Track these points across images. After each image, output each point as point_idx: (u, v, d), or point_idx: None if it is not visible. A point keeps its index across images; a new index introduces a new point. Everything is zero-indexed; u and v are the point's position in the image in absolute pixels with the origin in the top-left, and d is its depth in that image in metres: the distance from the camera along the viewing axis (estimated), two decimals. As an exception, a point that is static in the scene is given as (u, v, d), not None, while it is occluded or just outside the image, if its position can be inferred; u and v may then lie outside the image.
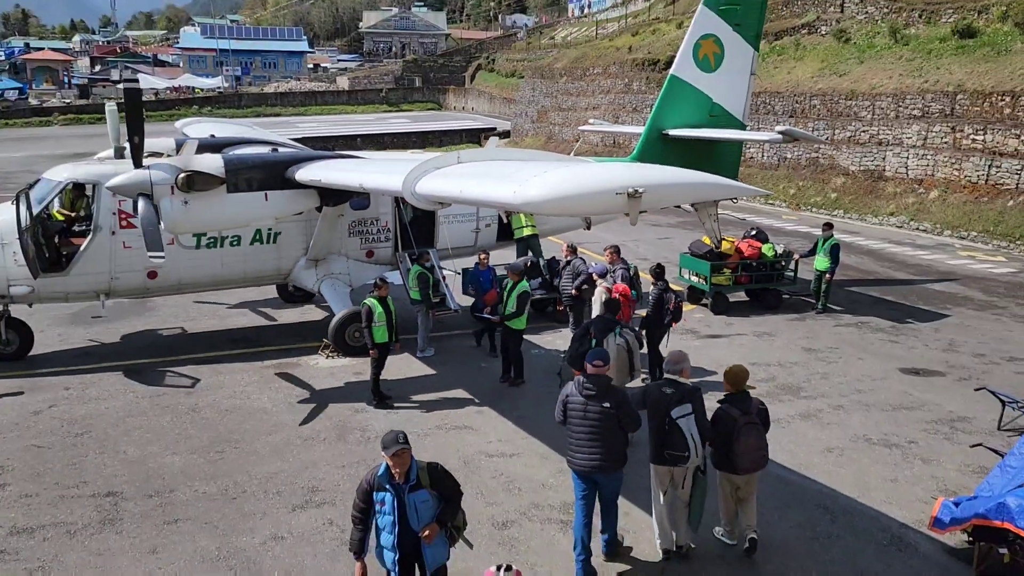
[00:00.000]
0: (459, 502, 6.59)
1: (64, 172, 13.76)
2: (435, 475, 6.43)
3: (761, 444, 8.05)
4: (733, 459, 7.96)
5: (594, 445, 7.68)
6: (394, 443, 6.18)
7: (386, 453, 6.21)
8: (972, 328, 16.20)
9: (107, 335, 15.66)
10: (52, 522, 8.99)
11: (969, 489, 9.26)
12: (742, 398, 8.07)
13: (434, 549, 6.42)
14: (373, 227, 15.51)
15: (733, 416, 7.92)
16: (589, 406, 7.68)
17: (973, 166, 25.77)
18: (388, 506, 6.31)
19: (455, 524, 6.55)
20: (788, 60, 35.82)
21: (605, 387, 7.76)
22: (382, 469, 6.33)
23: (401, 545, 6.32)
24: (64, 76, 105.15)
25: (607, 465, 7.74)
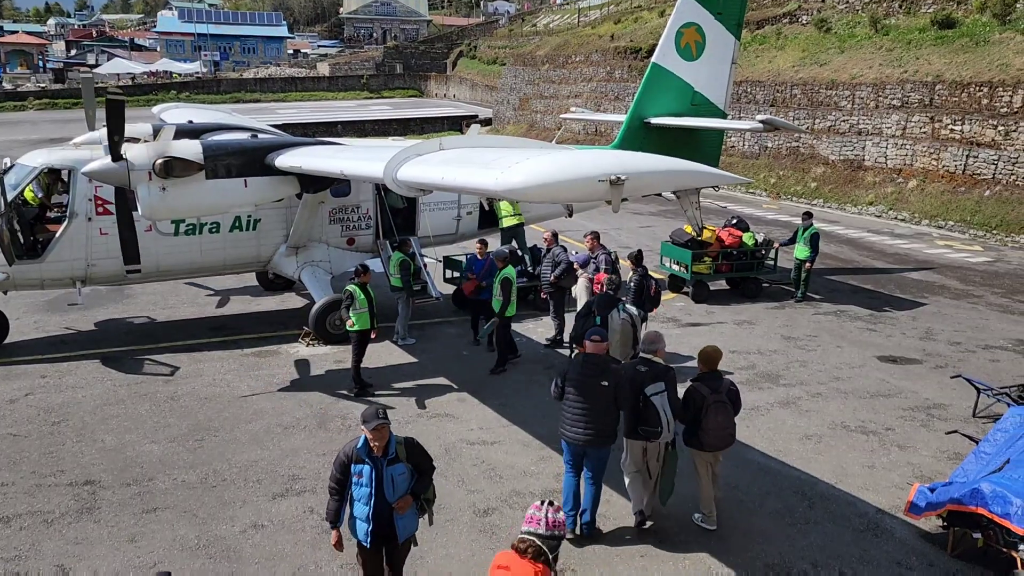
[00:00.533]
0: (432, 476, 6.80)
1: (39, 157, 13.55)
2: (412, 449, 6.64)
3: (728, 423, 8.30)
4: (701, 436, 8.25)
5: (589, 420, 8.03)
6: (375, 418, 6.35)
7: (366, 427, 6.36)
8: (948, 316, 16.39)
9: (84, 323, 15.49)
10: (29, 511, 8.91)
11: (944, 475, 9.40)
12: (714, 377, 8.35)
13: (405, 520, 6.62)
14: (354, 214, 15.42)
15: (703, 394, 8.19)
16: (587, 382, 8.00)
17: (951, 156, 26.01)
18: (366, 478, 6.46)
19: (426, 497, 6.79)
20: (769, 49, 35.93)
21: (604, 365, 8.08)
22: (361, 442, 6.49)
23: (375, 516, 6.50)
24: (39, 60, 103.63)
25: (599, 440, 8.11)
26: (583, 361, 8.18)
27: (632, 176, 7.59)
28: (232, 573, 7.84)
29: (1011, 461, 8.09)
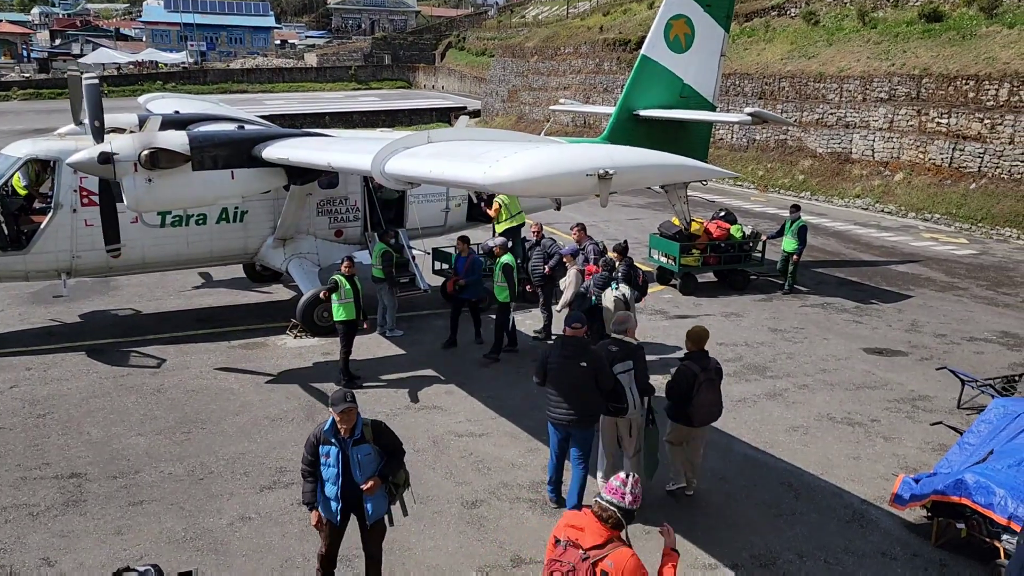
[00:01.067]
0: (401, 459, 6.97)
1: (24, 148, 13.42)
2: (379, 431, 6.83)
3: (716, 399, 8.72)
4: (690, 412, 8.61)
5: (571, 401, 8.32)
6: (342, 401, 6.55)
7: (334, 410, 6.58)
8: (934, 309, 16.51)
9: (69, 315, 15.39)
10: (14, 504, 8.86)
11: (929, 466, 9.48)
12: (702, 356, 8.69)
13: (375, 501, 6.78)
14: (342, 206, 15.37)
15: (694, 372, 8.54)
16: (568, 365, 8.27)
17: (937, 149, 26.15)
18: (332, 459, 6.68)
19: (395, 480, 6.94)
20: (758, 42, 35.98)
21: (583, 347, 8.39)
22: (328, 424, 6.71)
23: (344, 496, 6.72)
24: (23, 49, 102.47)
25: (582, 420, 8.41)
26: (562, 344, 8.53)
27: (620, 170, 7.60)
28: (219, 565, 7.82)
29: (995, 452, 8.18)
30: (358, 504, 6.82)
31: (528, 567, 7.84)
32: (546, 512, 8.82)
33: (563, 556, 5.09)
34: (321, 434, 6.73)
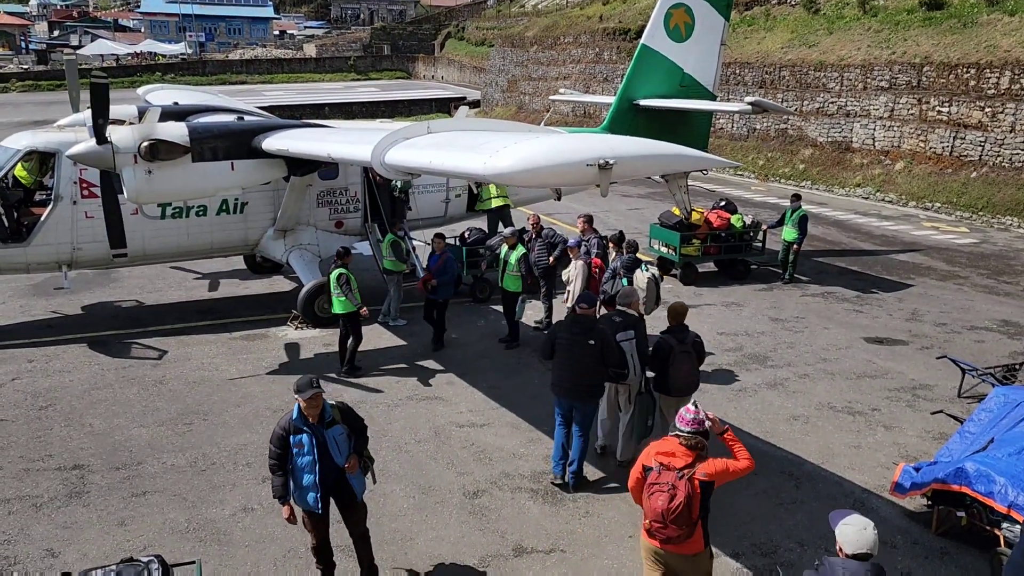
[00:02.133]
0: (367, 434, 7.09)
1: (23, 140, 13.41)
2: (345, 411, 6.97)
3: (692, 371, 9.10)
4: (667, 382, 9.05)
5: (577, 376, 8.68)
6: (309, 387, 6.56)
7: (301, 397, 6.56)
8: (935, 298, 16.51)
9: (70, 306, 15.40)
10: (17, 495, 8.89)
11: (929, 455, 9.50)
12: (680, 330, 9.12)
13: (357, 479, 6.94)
14: (342, 197, 15.35)
15: (671, 344, 8.97)
16: (577, 342, 8.62)
17: (938, 138, 26.09)
18: (307, 447, 6.67)
19: (367, 456, 7.10)
20: (758, 31, 35.85)
21: (591, 326, 8.77)
22: (295, 413, 6.68)
23: (323, 481, 6.73)
24: (21, 41, 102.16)
25: (586, 395, 8.82)
26: (572, 321, 8.93)
27: (620, 160, 7.59)
28: (222, 556, 7.86)
29: (995, 440, 8.19)
30: (337, 488, 6.87)
31: (530, 556, 7.88)
32: (548, 502, 8.85)
33: (660, 478, 5.89)
34: (290, 424, 6.68)
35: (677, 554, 5.97)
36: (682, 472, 5.84)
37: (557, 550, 7.98)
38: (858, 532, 5.06)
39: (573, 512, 8.65)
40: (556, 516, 8.58)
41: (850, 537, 5.06)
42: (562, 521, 8.48)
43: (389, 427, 10.57)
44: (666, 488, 5.80)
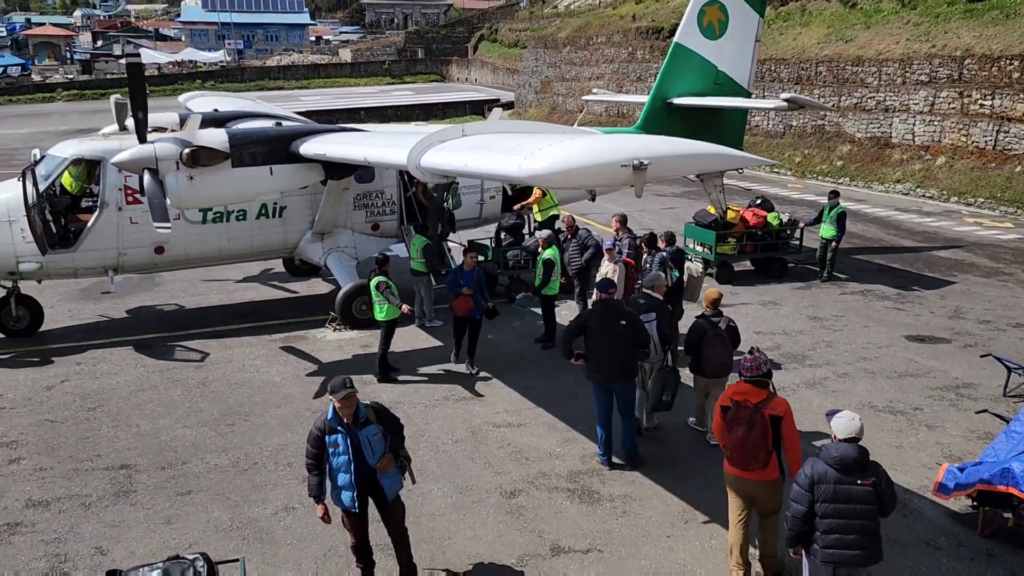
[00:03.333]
0: (403, 433, 7.14)
1: (70, 148, 13.77)
2: (380, 411, 6.99)
3: (725, 353, 9.70)
4: (700, 364, 9.75)
5: (613, 357, 9.11)
6: (342, 387, 6.65)
7: (335, 397, 6.66)
8: (978, 295, 16.19)
9: (116, 310, 15.77)
10: (67, 495, 9.14)
11: (974, 455, 9.34)
12: (715, 315, 9.76)
13: (390, 478, 6.99)
14: (378, 200, 15.52)
15: (705, 328, 9.64)
16: (608, 325, 9.06)
17: (981, 132, 25.56)
18: (342, 446, 6.77)
19: (404, 454, 7.14)
20: (794, 26, 35.43)
21: (619, 308, 9.34)
22: (330, 414, 6.79)
23: (358, 481, 6.81)
24: (66, 51, 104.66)
25: (624, 374, 9.26)
26: (601, 306, 9.34)
27: (655, 161, 7.59)
28: (265, 554, 8.01)
29: (1041, 440, 8.03)
30: (372, 488, 6.95)
31: (568, 556, 7.90)
32: (585, 502, 8.87)
33: (738, 413, 7.04)
34: (325, 425, 6.79)
35: (756, 480, 7.11)
36: (757, 407, 7.02)
37: (595, 550, 8.00)
38: (848, 421, 6.29)
39: (610, 512, 8.66)
40: (593, 516, 8.60)
41: (842, 426, 6.27)
42: (599, 521, 8.50)
43: (427, 427, 10.67)
44: (744, 420, 6.97)
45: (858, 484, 6.09)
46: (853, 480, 6.09)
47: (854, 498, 6.09)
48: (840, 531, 6.11)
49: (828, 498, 6.11)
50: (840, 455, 6.15)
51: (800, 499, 6.23)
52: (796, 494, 6.28)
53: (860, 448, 6.19)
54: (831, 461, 6.16)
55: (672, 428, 10.59)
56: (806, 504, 6.18)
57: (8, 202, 13.09)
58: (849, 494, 6.09)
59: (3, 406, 11.51)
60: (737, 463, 7.09)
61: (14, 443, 10.40)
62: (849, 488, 6.09)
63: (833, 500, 6.10)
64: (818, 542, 6.22)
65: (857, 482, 6.09)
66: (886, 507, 6.19)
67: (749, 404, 7.05)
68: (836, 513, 6.10)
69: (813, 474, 6.18)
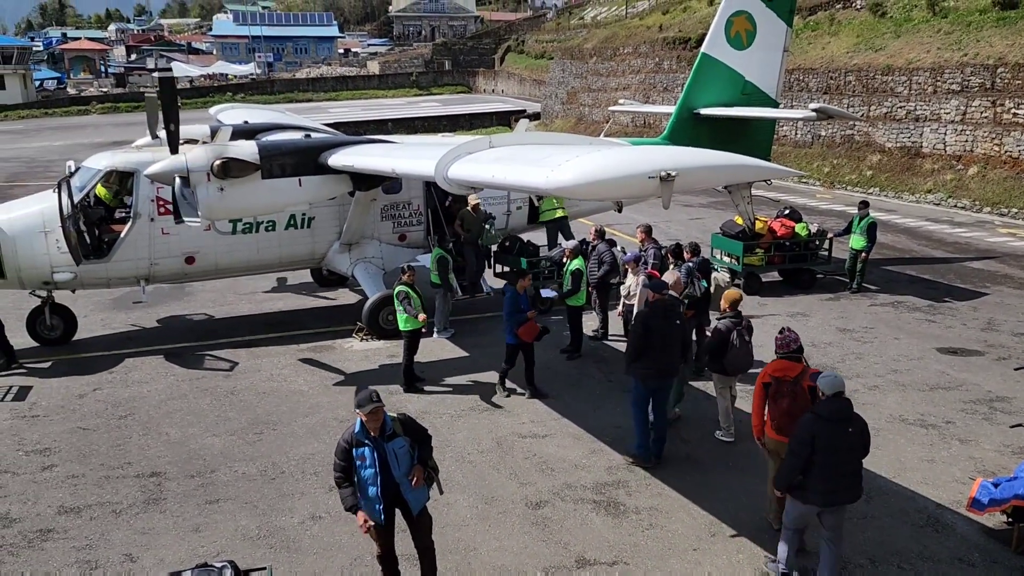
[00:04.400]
0: (431, 444, 7.11)
1: (104, 160, 14.01)
2: (407, 423, 6.98)
3: (746, 351, 9.96)
4: (724, 363, 9.99)
5: (672, 357, 9.63)
6: (368, 401, 6.62)
7: (362, 411, 6.64)
8: (1012, 307, 15.92)
9: (147, 320, 16.00)
10: (98, 502, 9.27)
11: (1008, 470, 9.16)
12: (735, 316, 9.99)
13: (416, 492, 6.94)
14: (405, 211, 15.62)
15: (729, 329, 9.90)
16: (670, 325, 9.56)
17: (1014, 141, 25.17)
18: (369, 459, 6.76)
19: (432, 465, 7.09)
20: (822, 36, 35.20)
21: (676, 308, 9.94)
22: (358, 427, 6.78)
23: (384, 494, 6.81)
24: (101, 65, 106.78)
25: (673, 373, 9.86)
26: (665, 308, 9.64)
27: (682, 172, 7.57)
28: (292, 563, 8.05)
29: (1078, 455, 7.87)
30: (399, 500, 6.93)
31: (593, 568, 7.86)
32: (610, 514, 8.83)
33: (780, 387, 7.86)
34: (352, 438, 6.78)
35: None
36: (796, 380, 7.83)
37: (620, 562, 7.95)
38: (833, 380, 7.11)
39: (636, 524, 8.61)
40: (619, 528, 8.56)
41: (828, 384, 7.08)
42: (625, 533, 8.45)
43: (452, 438, 10.68)
44: (787, 393, 7.82)
45: (848, 432, 7.00)
46: (844, 429, 6.98)
47: (844, 445, 6.99)
48: (834, 474, 7.00)
49: (824, 447, 6.92)
50: (832, 409, 7.01)
51: (800, 450, 7.02)
52: (797, 446, 7.08)
53: (846, 400, 7.10)
54: (825, 414, 7.00)
55: (698, 441, 10.52)
56: (805, 454, 6.98)
57: (44, 213, 13.35)
58: (840, 441, 6.97)
59: (37, 414, 11.71)
60: (783, 430, 7.79)
61: (47, 450, 10.57)
62: (840, 436, 6.96)
63: (828, 448, 6.93)
64: (811, 486, 7.05)
65: (848, 430, 7.00)
66: (867, 448, 7.19)
67: (788, 378, 7.85)
68: (830, 459, 6.96)
69: (813, 428, 6.97)
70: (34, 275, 13.46)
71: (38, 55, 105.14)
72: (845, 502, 7.18)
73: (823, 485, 7.01)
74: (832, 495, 7.06)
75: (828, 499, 7.07)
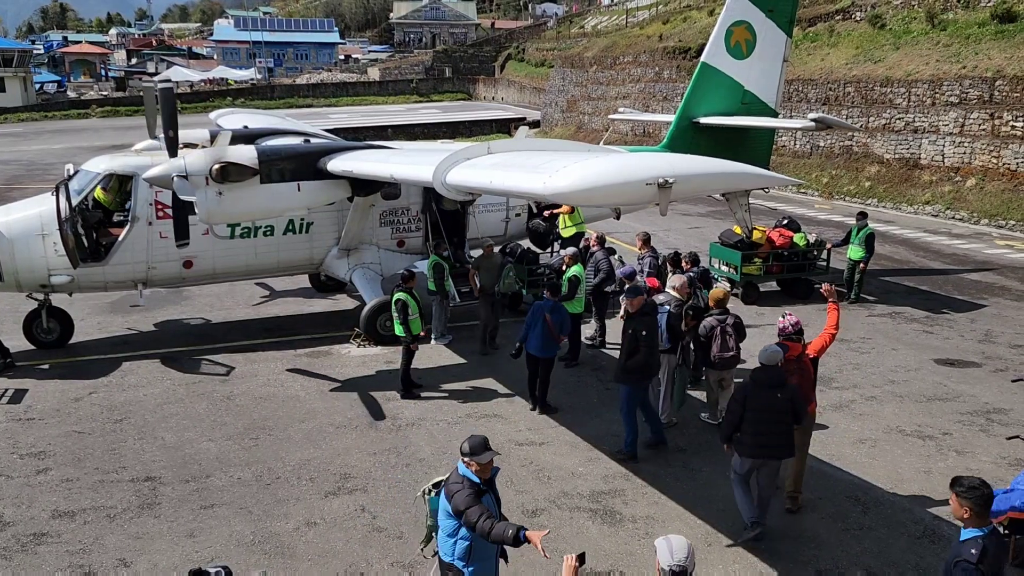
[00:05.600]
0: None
1: (102, 163, 14.01)
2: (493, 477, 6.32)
3: (734, 347, 10.60)
4: (709, 358, 10.72)
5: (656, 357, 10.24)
6: (485, 450, 6.00)
7: (476, 459, 5.97)
8: (1009, 318, 15.93)
9: (144, 323, 15.97)
10: (92, 506, 9.23)
11: (1005, 482, 9.12)
12: (721, 312, 10.63)
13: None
14: (404, 217, 15.62)
15: (714, 325, 10.55)
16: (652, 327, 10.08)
17: (1012, 153, 25.24)
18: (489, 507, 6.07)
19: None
20: (822, 47, 35.31)
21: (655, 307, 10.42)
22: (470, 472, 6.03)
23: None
24: (101, 69, 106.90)
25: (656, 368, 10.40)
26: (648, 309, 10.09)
27: (680, 179, 7.57)
28: (287, 569, 8.02)
29: (1075, 467, 7.85)
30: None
31: (588, 577, 7.83)
32: (606, 522, 8.80)
33: (787, 366, 8.45)
34: (475, 484, 6.00)
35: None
36: (799, 358, 8.71)
37: (616, 571, 7.93)
38: (768, 352, 8.25)
39: (632, 533, 8.59)
40: (615, 537, 8.53)
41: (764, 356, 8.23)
42: (621, 542, 8.43)
43: (449, 445, 10.65)
44: (795, 371, 8.51)
45: (777, 396, 8.00)
46: (774, 394, 8.01)
47: (773, 407, 7.99)
48: (764, 432, 8.01)
49: (754, 407, 7.99)
50: (764, 376, 8.09)
51: (735, 408, 8.17)
52: (733, 404, 8.26)
53: (778, 370, 8.15)
54: (758, 380, 8.10)
55: (694, 450, 10.51)
56: (738, 412, 8.09)
57: (42, 216, 13.33)
58: (769, 404, 7.99)
59: (32, 417, 11.68)
60: None
61: (42, 453, 10.53)
62: (769, 399, 7.99)
63: (757, 409, 7.98)
64: (743, 440, 8.12)
65: (777, 395, 8.00)
66: (798, 414, 8.14)
67: (793, 357, 8.60)
68: (761, 419, 7.99)
69: (745, 391, 8.12)
70: (31, 278, 13.43)
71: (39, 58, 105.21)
72: (771, 457, 8.09)
73: (752, 439, 8.04)
74: (759, 448, 8.04)
75: (756, 452, 8.05)
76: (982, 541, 5.24)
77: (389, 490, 9.53)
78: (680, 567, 5.02)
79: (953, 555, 5.39)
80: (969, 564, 5.17)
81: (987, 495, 5.33)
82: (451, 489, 6.03)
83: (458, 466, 6.11)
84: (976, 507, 5.26)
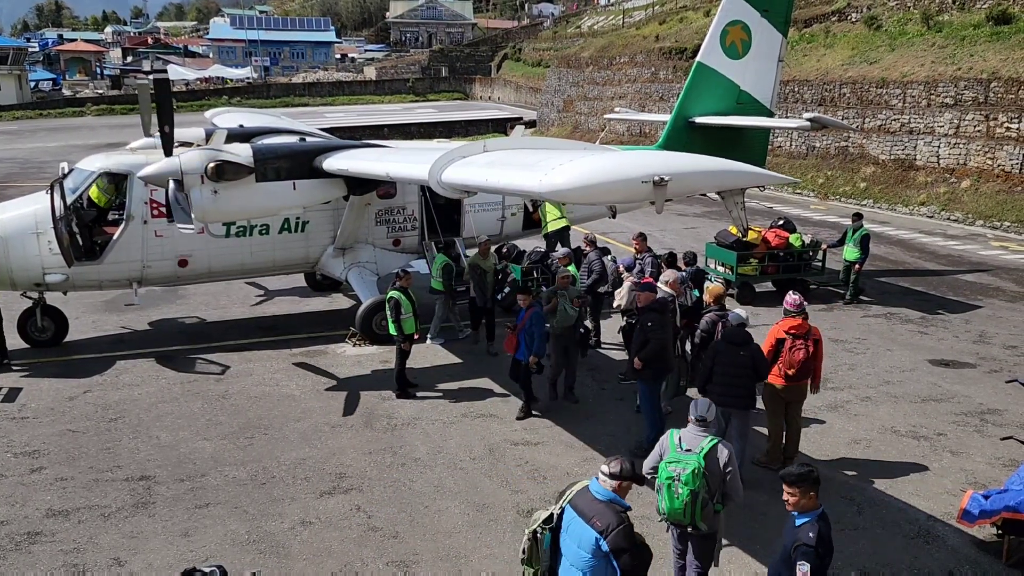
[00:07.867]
0: None
1: (97, 162, 13.97)
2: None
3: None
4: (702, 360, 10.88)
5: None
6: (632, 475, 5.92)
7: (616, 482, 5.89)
8: (1004, 319, 15.97)
9: (139, 322, 15.92)
10: (87, 505, 9.20)
11: (999, 482, 9.17)
12: (720, 309, 10.84)
13: None
14: (400, 216, 15.60)
15: (715, 320, 10.64)
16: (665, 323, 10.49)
17: (1007, 155, 25.31)
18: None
19: None
20: (818, 48, 35.36)
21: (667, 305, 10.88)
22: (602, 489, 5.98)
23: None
24: (96, 67, 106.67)
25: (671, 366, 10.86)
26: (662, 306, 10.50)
27: (676, 177, 7.58)
28: (281, 568, 8.00)
29: (1069, 468, 7.88)
30: None
31: (584, 576, 7.81)
32: (602, 522, 8.78)
33: (796, 342, 9.42)
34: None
35: (796, 387, 9.60)
36: (808, 334, 9.51)
37: None
38: (737, 316, 9.48)
39: (628, 533, 8.57)
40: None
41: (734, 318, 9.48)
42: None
43: (444, 444, 10.65)
44: (802, 346, 9.40)
45: (740, 354, 9.04)
46: (737, 352, 9.07)
47: (737, 362, 9.04)
48: (728, 384, 9.07)
49: (722, 363, 9.09)
50: (732, 335, 9.23)
51: (707, 361, 9.31)
52: (706, 358, 9.39)
53: (745, 331, 9.25)
54: (727, 338, 9.28)
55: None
56: (709, 365, 9.22)
57: (36, 214, 13.29)
58: (734, 359, 9.05)
59: (26, 416, 11.64)
60: (792, 377, 9.46)
61: (36, 452, 10.50)
62: (734, 356, 9.05)
63: (724, 364, 9.08)
64: (712, 390, 9.07)
65: (740, 353, 9.05)
66: (760, 372, 9.15)
67: (802, 333, 9.46)
68: (725, 371, 9.07)
69: (716, 347, 9.29)
70: (25, 276, 13.39)
71: (34, 56, 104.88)
72: (734, 407, 9.13)
73: (719, 390, 9.05)
74: (724, 398, 9.00)
75: (721, 400, 8.84)
76: (817, 524, 5.81)
77: (384, 490, 9.52)
78: (701, 417, 6.93)
79: (791, 540, 5.86)
80: (808, 547, 5.70)
81: (816, 477, 5.95)
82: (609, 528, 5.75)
83: (615, 498, 5.85)
84: (810, 491, 5.87)
